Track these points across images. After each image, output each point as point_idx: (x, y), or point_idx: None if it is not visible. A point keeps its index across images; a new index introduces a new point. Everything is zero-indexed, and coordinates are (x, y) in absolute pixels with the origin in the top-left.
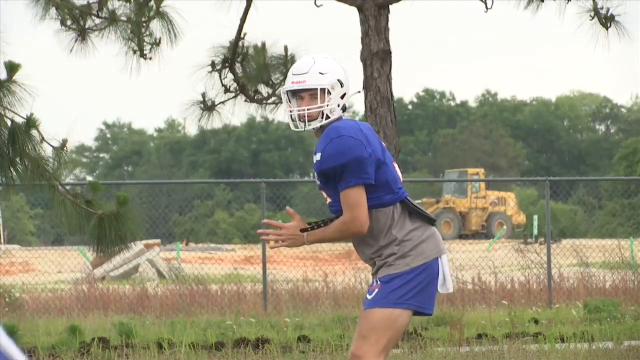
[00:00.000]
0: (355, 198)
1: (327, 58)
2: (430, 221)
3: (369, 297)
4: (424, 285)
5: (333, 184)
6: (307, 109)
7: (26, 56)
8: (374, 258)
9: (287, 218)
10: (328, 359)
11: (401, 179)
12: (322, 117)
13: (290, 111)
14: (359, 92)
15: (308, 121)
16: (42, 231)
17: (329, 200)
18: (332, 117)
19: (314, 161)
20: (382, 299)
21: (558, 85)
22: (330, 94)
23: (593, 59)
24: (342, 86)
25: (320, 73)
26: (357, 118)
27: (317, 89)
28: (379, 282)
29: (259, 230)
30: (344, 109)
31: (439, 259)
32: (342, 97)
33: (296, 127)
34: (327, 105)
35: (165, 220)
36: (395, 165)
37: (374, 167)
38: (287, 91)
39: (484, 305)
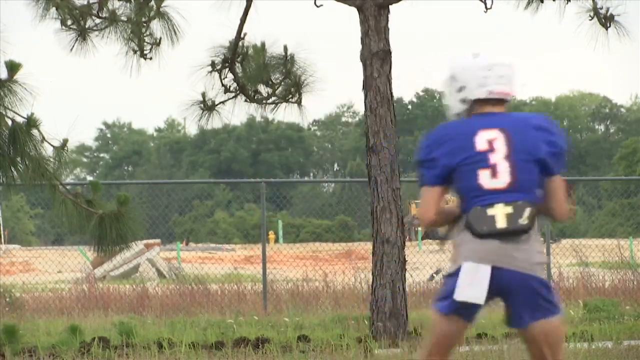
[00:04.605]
0: (422, 195)
1: (465, 54)
2: (481, 235)
3: None
4: (451, 290)
5: None
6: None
7: (26, 56)
8: None
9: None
10: (328, 359)
11: (488, 186)
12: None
13: None
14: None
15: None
16: (43, 231)
17: None
18: (452, 112)
19: None
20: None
21: (558, 85)
22: (447, 89)
23: (593, 59)
24: (454, 81)
25: (446, 70)
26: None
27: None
28: None
29: None
30: (464, 101)
31: (465, 265)
32: (459, 90)
33: None
34: (447, 101)
35: (165, 220)
36: (482, 172)
37: (435, 171)
38: None
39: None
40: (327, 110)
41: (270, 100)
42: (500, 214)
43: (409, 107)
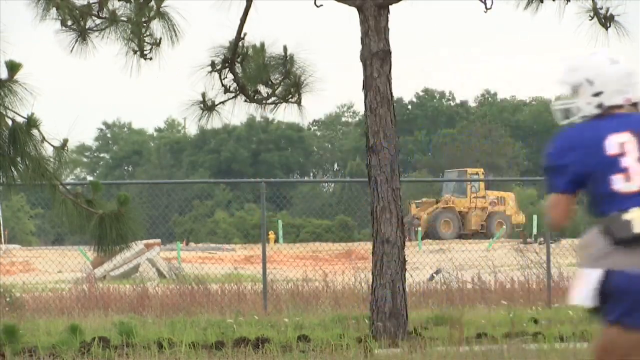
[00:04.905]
0: (551, 202)
1: (600, 58)
2: (619, 241)
3: None
4: None
5: None
6: (559, 104)
7: (26, 56)
8: None
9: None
10: (328, 358)
11: (622, 191)
12: (568, 114)
13: None
14: (627, 97)
15: (567, 116)
16: (43, 231)
17: None
18: (578, 115)
19: None
20: None
21: (558, 85)
22: (577, 91)
23: None
24: (591, 85)
25: (571, 70)
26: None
27: (570, 85)
28: None
29: None
30: (600, 106)
31: (586, 270)
32: (596, 95)
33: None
34: (574, 103)
35: (166, 220)
36: (616, 177)
37: (565, 178)
38: None
39: (484, 305)
40: (327, 110)
41: (270, 101)
42: (636, 218)
43: (409, 107)
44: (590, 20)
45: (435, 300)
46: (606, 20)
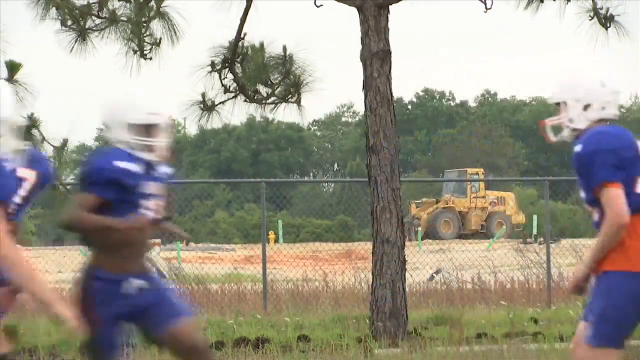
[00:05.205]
0: None
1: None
2: None
3: None
4: None
5: None
6: None
7: (26, 56)
8: None
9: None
10: (328, 358)
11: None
12: None
13: None
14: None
15: None
16: (43, 231)
17: None
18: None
19: None
20: None
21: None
22: None
23: (593, 59)
24: None
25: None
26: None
27: None
28: None
29: None
30: None
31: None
32: None
33: None
34: None
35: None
36: None
37: None
38: None
39: (484, 305)
40: (327, 110)
41: (269, 100)
42: None
43: (409, 107)
44: (590, 20)
45: (435, 300)
46: (606, 20)
